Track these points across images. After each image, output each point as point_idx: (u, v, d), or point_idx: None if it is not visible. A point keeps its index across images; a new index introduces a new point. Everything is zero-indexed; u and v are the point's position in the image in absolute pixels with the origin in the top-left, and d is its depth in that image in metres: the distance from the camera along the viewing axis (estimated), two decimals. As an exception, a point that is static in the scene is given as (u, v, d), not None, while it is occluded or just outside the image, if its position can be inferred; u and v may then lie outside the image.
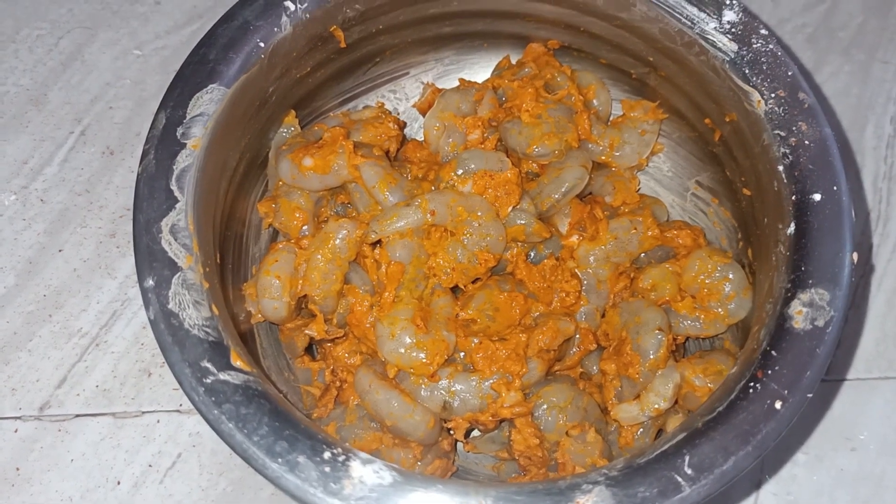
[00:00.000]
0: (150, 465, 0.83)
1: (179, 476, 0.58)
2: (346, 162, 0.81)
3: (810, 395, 0.62)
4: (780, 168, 0.71)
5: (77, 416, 0.84)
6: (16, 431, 0.83)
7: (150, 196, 0.69)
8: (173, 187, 0.69)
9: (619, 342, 0.80)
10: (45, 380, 0.87)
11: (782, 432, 0.61)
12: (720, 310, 0.81)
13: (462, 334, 0.78)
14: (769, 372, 0.63)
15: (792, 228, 0.69)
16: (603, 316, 0.83)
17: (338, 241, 0.80)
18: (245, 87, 0.75)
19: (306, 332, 0.80)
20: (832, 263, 0.66)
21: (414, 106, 0.96)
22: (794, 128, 0.72)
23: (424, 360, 0.76)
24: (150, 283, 0.66)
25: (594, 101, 0.92)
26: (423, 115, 0.96)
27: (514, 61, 0.94)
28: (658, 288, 0.83)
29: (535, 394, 0.78)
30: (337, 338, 0.82)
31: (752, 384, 0.63)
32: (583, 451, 0.76)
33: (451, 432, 0.79)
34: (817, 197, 0.69)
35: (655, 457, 0.61)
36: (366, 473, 0.60)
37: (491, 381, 0.76)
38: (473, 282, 0.82)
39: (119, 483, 0.82)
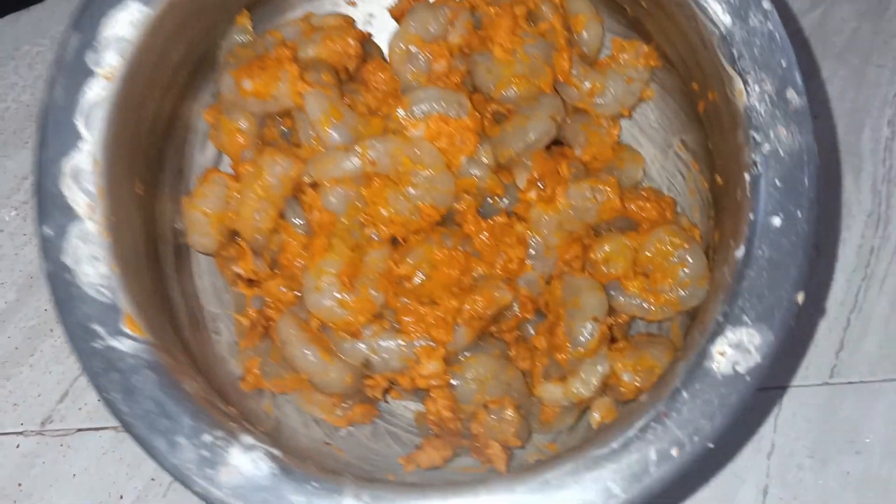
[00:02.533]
0: (152, 479, 0.85)
1: (183, 489, 0.59)
2: (289, 89, 0.74)
3: (711, 446, 0.59)
4: (747, 178, 0.63)
5: (79, 430, 0.85)
6: (17, 447, 0.85)
7: (55, 132, 0.64)
8: (79, 123, 0.64)
9: (555, 319, 0.76)
10: (47, 394, 0.87)
11: (673, 479, 0.59)
12: (671, 295, 0.76)
13: (393, 292, 0.75)
14: (673, 415, 0.60)
15: (741, 252, 0.62)
16: (548, 283, 0.79)
17: (271, 179, 0.75)
18: (173, 4, 0.68)
19: (234, 268, 0.77)
20: (774, 303, 0.60)
21: (389, 11, 0.86)
22: (771, 133, 0.63)
23: (347, 319, 0.73)
24: (48, 231, 0.63)
25: (583, 33, 0.81)
26: (398, 23, 0.86)
27: (499, -23, 0.83)
28: (611, 262, 0.77)
29: (458, 363, 0.75)
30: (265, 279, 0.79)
31: (653, 424, 0.60)
32: (498, 427, 0.75)
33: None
34: (777, 221, 0.62)
35: (537, 485, 0.59)
36: (243, 462, 0.60)
37: (415, 345, 0.74)
38: (415, 233, 0.77)
39: (122, 497, 0.83)
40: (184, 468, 0.60)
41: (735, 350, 0.60)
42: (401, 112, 0.75)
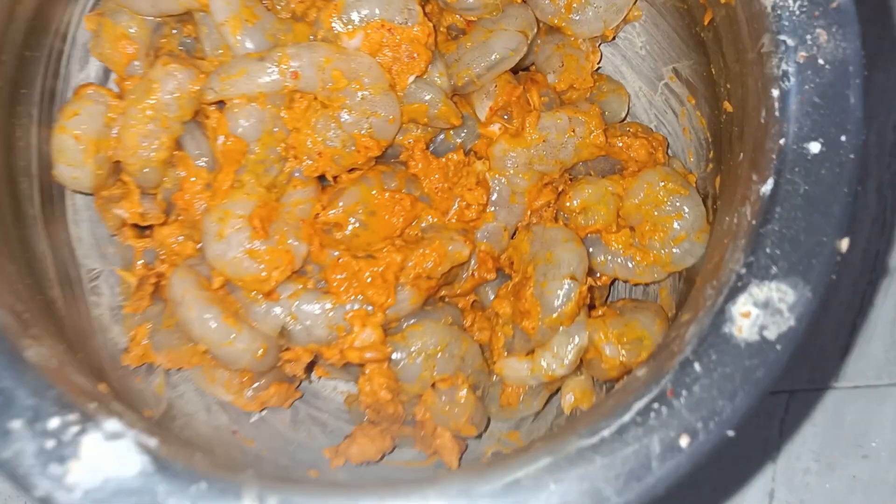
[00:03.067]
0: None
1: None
2: (190, -19, 0.58)
3: (731, 434, 0.45)
4: (775, 93, 0.49)
5: None
6: None
7: None
8: None
9: (521, 279, 0.61)
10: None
11: (680, 479, 0.45)
12: (663, 252, 0.62)
13: (319, 243, 0.60)
14: (683, 394, 0.45)
15: (768, 186, 0.48)
16: (513, 237, 0.64)
17: (165, 96, 0.59)
18: None
19: (115, 210, 0.61)
20: (810, 250, 0.47)
21: None
22: (808, 36, 0.49)
23: (259, 274, 0.57)
24: None
25: (561, -65, 0.67)
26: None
27: None
28: (589, 212, 0.63)
29: (399, 332, 0.60)
30: (157, 224, 0.62)
31: (656, 405, 0.45)
32: (448, 411, 0.60)
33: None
34: (815, 147, 0.48)
35: (503, 487, 0.44)
36: (103, 455, 0.44)
37: (346, 309, 0.59)
38: (349, 171, 0.62)
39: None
40: (19, 464, 0.43)
41: (762, 310, 0.46)
42: (334, 18, 0.59)
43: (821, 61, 0.49)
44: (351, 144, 0.60)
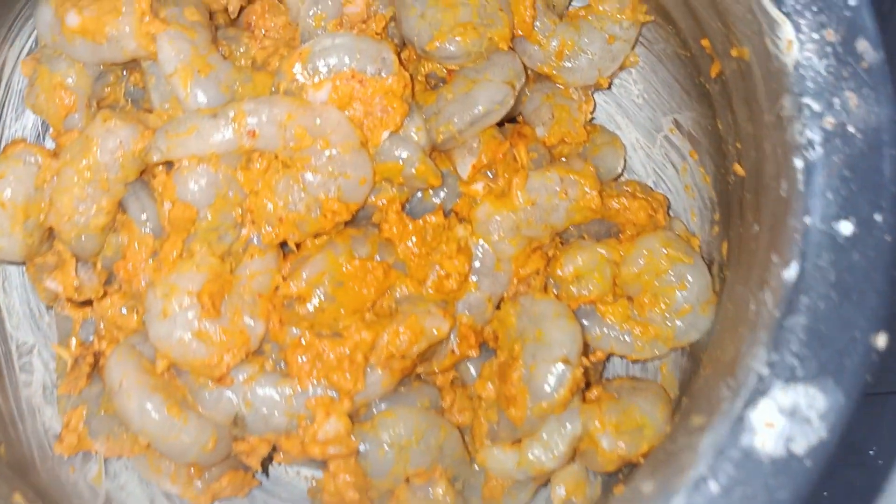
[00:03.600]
0: None
1: None
2: (134, 29, 0.51)
3: (754, 567, 0.39)
4: (798, 163, 0.43)
5: None
6: None
7: None
8: None
9: (508, 358, 0.55)
10: None
11: None
12: (665, 326, 0.56)
13: (279, 319, 0.53)
14: (697, 520, 0.39)
15: (793, 271, 0.42)
16: (498, 307, 0.58)
17: (104, 156, 0.52)
18: None
19: (47, 283, 0.54)
20: (842, 347, 0.41)
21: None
22: (836, 100, 0.43)
23: (208, 359, 0.50)
24: None
25: (548, -26, 0.61)
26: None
27: None
28: (583, 280, 0.57)
29: (369, 419, 0.53)
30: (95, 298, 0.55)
31: (666, 534, 0.39)
32: (424, 510, 0.53)
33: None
34: (846, 228, 0.42)
35: None
36: None
37: (308, 395, 0.52)
38: (314, 236, 0.55)
39: None
40: None
41: (788, 419, 0.40)
42: (297, 67, 0.53)
43: (851, 129, 0.43)
44: (316, 209, 0.53)
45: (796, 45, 0.44)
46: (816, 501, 0.64)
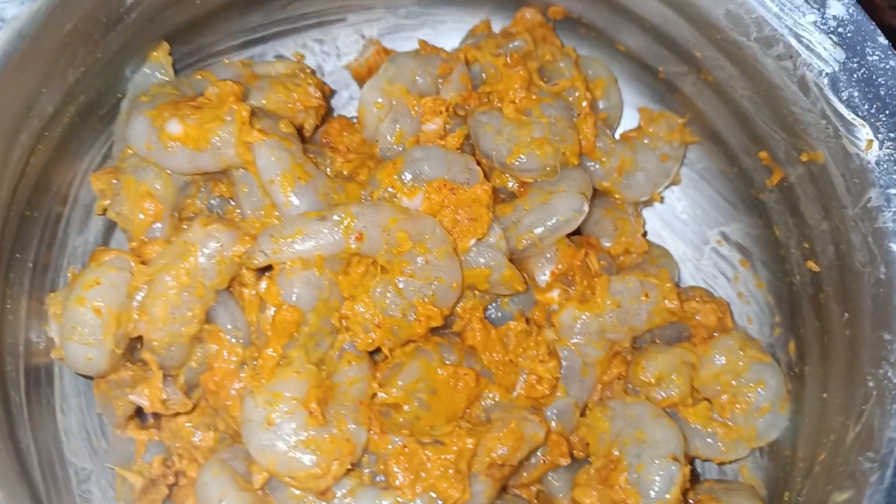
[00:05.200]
0: None
1: None
2: (236, 137, 0.52)
3: None
4: (894, 247, 0.47)
5: None
6: None
7: None
8: None
9: (606, 463, 0.54)
10: None
11: None
12: (747, 425, 0.57)
13: (378, 428, 0.51)
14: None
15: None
16: (583, 415, 0.57)
17: (202, 260, 0.51)
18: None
19: (131, 397, 0.51)
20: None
21: (348, 68, 0.68)
22: (922, 190, 0.48)
23: (315, 470, 0.48)
24: None
25: (601, 102, 0.66)
26: (359, 84, 0.68)
27: (496, 29, 0.67)
28: (665, 383, 0.58)
29: (475, 532, 0.51)
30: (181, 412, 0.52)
31: None
32: None
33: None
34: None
35: None
36: None
37: (412, 506, 0.49)
38: (403, 344, 0.55)
39: None
40: None
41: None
42: (394, 177, 0.54)
43: (941, 215, 0.47)
44: (411, 313, 0.53)
45: (876, 143, 0.49)
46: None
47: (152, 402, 0.50)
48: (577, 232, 0.64)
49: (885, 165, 0.48)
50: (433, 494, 0.50)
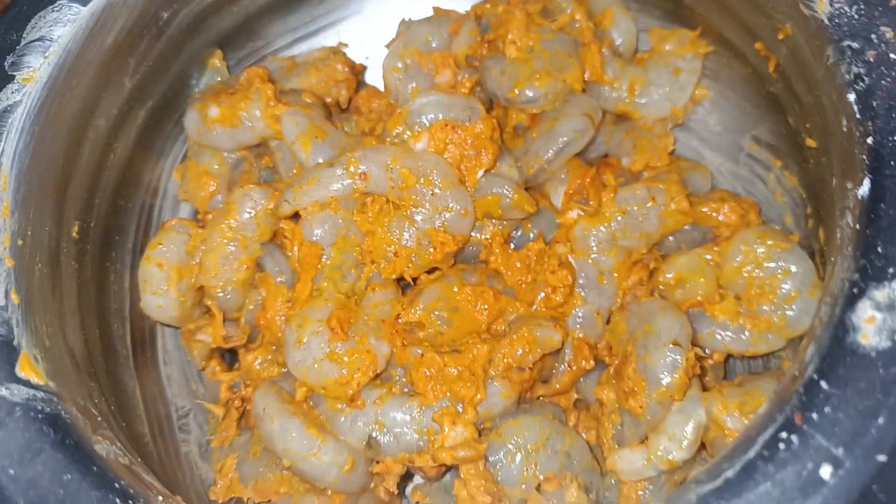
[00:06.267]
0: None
1: None
2: (262, 111, 0.62)
3: (883, 459, 0.37)
4: (851, 97, 0.46)
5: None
6: None
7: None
8: (-16, 129, 0.52)
9: (621, 359, 0.56)
10: None
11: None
12: (776, 316, 0.56)
13: (401, 343, 0.57)
14: (814, 417, 0.39)
15: (865, 188, 0.44)
16: (608, 323, 0.60)
17: (243, 216, 0.60)
18: (113, 6, 0.57)
19: (198, 336, 0.61)
20: (933, 244, 0.41)
21: (387, 47, 0.75)
22: (873, 36, 0.47)
23: (340, 378, 0.55)
24: (-66, 258, 0.49)
25: (612, 30, 0.68)
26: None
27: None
28: (687, 283, 0.59)
29: (494, 430, 0.55)
30: (242, 345, 0.62)
31: (784, 435, 0.39)
32: (559, 515, 0.53)
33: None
34: (911, 140, 0.44)
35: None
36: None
37: (434, 408, 0.55)
38: (430, 271, 0.61)
39: None
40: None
41: (887, 314, 0.40)
42: (400, 125, 0.61)
43: (892, 55, 0.46)
44: (426, 242, 0.59)
45: (827, 1, 0.48)
46: None
47: (214, 339, 0.60)
48: (601, 155, 0.67)
49: (837, 20, 0.48)
50: (451, 396, 0.55)
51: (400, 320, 0.58)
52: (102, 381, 0.58)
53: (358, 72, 0.71)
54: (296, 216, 0.60)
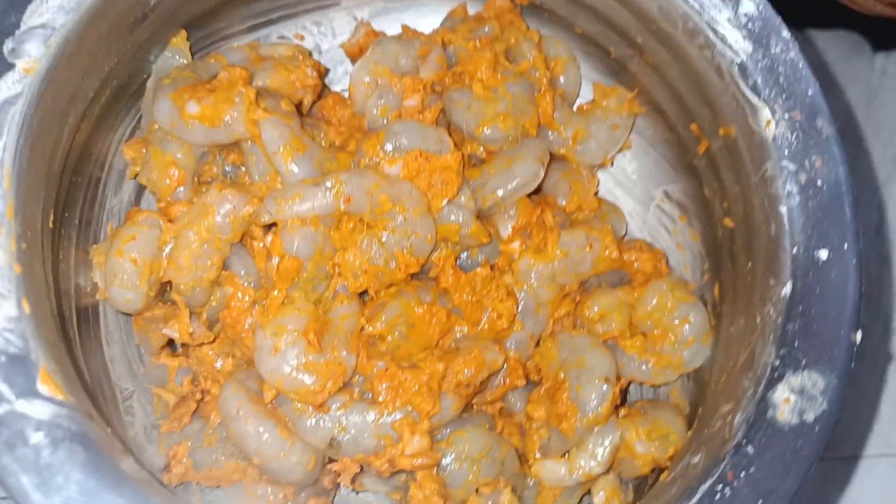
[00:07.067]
0: None
1: None
2: (244, 115, 0.63)
3: (788, 510, 0.50)
4: (783, 210, 0.57)
5: None
6: None
7: (-45, 136, 0.49)
8: (-15, 122, 0.50)
9: (553, 384, 0.66)
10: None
11: (750, 555, 0.49)
12: (674, 355, 0.68)
13: (366, 354, 0.63)
14: (742, 474, 0.50)
15: (788, 289, 0.55)
16: (537, 345, 0.69)
17: (219, 219, 0.62)
18: (114, -4, 0.56)
19: (165, 330, 0.62)
20: (831, 342, 0.54)
21: (342, 47, 0.78)
22: (806, 162, 0.58)
23: (313, 387, 0.60)
24: (-62, 263, 0.47)
25: (561, 78, 0.75)
26: (352, 61, 0.78)
27: (471, 12, 0.77)
28: (606, 319, 0.69)
29: (444, 438, 0.63)
30: (204, 343, 0.64)
31: (720, 487, 0.50)
32: (493, 514, 0.63)
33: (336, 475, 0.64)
34: (824, 254, 0.56)
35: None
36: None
37: (393, 417, 0.61)
38: (387, 287, 0.66)
39: None
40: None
41: (799, 396, 0.52)
42: (377, 147, 0.65)
43: (819, 182, 0.57)
44: (392, 262, 0.64)
45: (773, 123, 0.59)
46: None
47: (181, 334, 0.62)
48: (538, 191, 0.75)
49: (780, 142, 0.59)
50: (409, 408, 0.62)
51: (364, 331, 0.64)
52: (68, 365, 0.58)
53: (322, 74, 0.73)
54: (269, 225, 0.63)
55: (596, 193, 0.77)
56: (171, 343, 0.68)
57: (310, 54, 0.73)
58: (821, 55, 0.92)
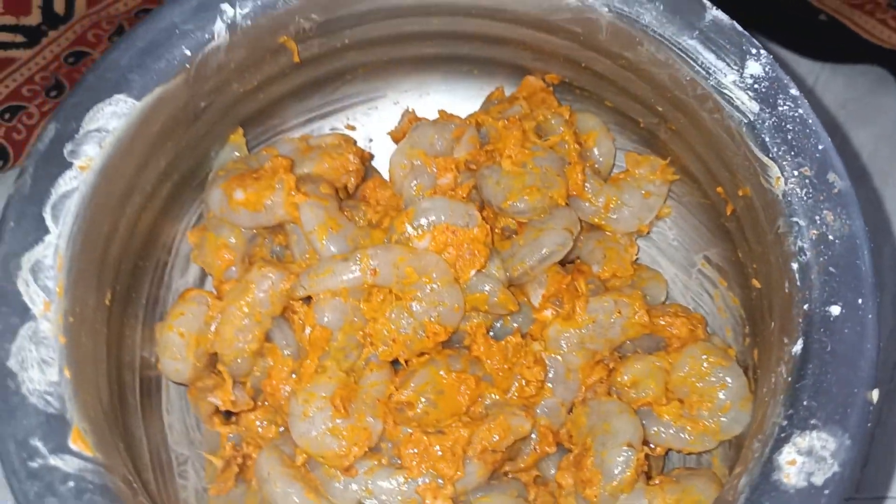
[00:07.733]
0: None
1: None
2: (284, 199, 0.69)
3: (793, 579, 0.48)
4: (794, 266, 0.56)
5: None
6: None
7: (18, 224, 0.57)
8: (46, 215, 0.58)
9: (581, 450, 0.66)
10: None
11: None
12: (711, 422, 0.66)
13: (393, 421, 0.65)
14: (745, 537, 0.49)
15: (798, 346, 0.54)
16: (570, 412, 0.69)
17: (260, 294, 0.67)
18: (163, 100, 0.64)
19: (209, 398, 0.68)
20: (844, 401, 0.52)
21: (389, 134, 0.83)
22: (817, 217, 0.57)
23: (339, 451, 0.63)
24: (-5, 332, 0.55)
25: (594, 149, 0.77)
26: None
27: (508, 93, 0.81)
28: (640, 386, 0.68)
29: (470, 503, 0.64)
30: (246, 410, 0.69)
31: (719, 555, 0.49)
32: (519, 583, 0.62)
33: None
34: (836, 310, 0.54)
35: None
36: None
37: (418, 482, 0.63)
38: (419, 355, 0.69)
39: None
40: None
41: (807, 458, 0.50)
42: (405, 224, 0.69)
43: (831, 237, 0.56)
44: (421, 331, 0.67)
45: (782, 180, 0.59)
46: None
47: (224, 402, 0.67)
48: (573, 259, 0.77)
49: (790, 198, 0.58)
50: (433, 473, 0.63)
51: (392, 398, 0.66)
52: (119, 431, 0.64)
53: (366, 160, 0.79)
54: (308, 298, 0.68)
55: (636, 261, 0.77)
56: (226, 412, 0.73)
57: (354, 142, 0.79)
58: (846, 90, 0.91)
